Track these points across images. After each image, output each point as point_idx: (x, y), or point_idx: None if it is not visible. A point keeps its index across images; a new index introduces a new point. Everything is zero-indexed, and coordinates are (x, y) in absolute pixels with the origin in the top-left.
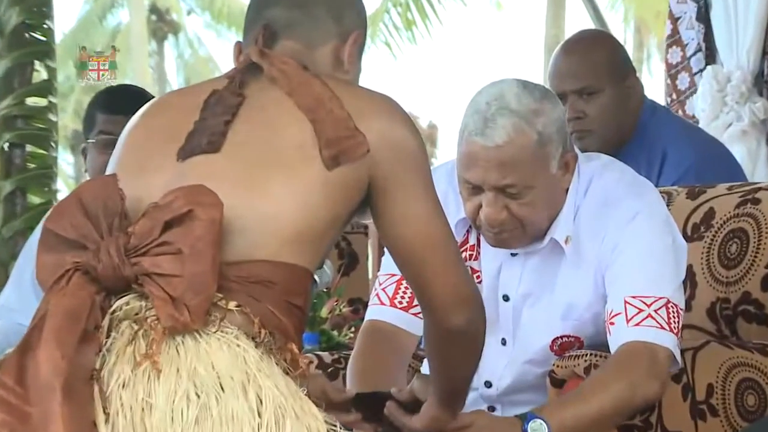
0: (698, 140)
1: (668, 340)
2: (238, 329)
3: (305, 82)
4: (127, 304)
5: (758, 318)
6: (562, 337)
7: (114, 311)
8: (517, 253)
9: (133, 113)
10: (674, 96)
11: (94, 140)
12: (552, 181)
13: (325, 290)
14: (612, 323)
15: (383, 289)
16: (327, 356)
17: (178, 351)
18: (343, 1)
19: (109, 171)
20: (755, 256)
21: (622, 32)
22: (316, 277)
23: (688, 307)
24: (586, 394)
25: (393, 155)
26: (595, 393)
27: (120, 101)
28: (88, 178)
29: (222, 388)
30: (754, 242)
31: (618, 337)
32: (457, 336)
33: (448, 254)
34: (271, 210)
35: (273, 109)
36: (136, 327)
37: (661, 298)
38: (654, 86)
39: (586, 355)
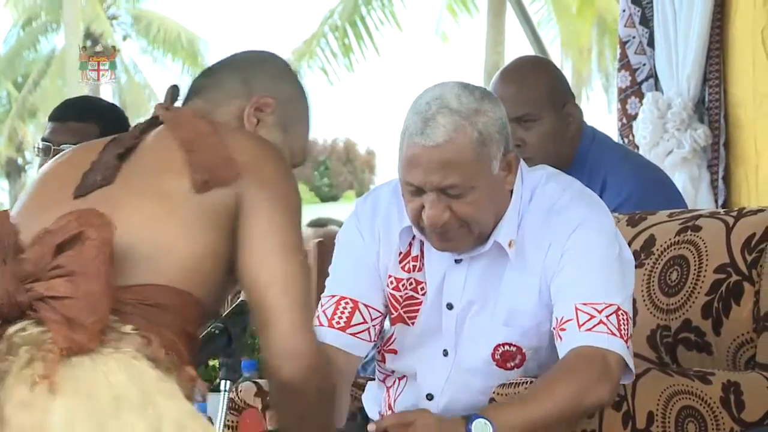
0: (638, 167)
1: (619, 347)
2: (135, 350)
3: (191, 122)
4: (24, 330)
5: (699, 346)
6: (504, 344)
7: (11, 337)
8: (461, 260)
9: (70, 120)
10: (624, 120)
11: (36, 146)
12: (494, 181)
13: None
14: (563, 329)
15: (323, 311)
16: (265, 383)
17: (75, 371)
18: (256, 67)
19: (14, 209)
20: (695, 284)
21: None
22: None
23: None
24: (534, 395)
25: (260, 186)
26: (543, 394)
27: (59, 109)
28: None
29: (120, 408)
30: (695, 269)
31: (569, 341)
32: (288, 392)
33: (295, 300)
34: (160, 237)
35: (161, 145)
36: (33, 351)
37: (611, 304)
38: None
39: (527, 383)
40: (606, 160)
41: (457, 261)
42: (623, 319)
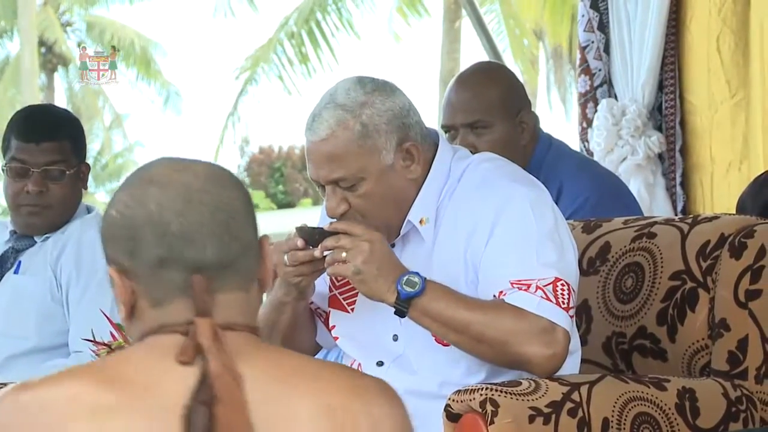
0: (594, 174)
1: (563, 320)
2: None
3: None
4: None
5: (654, 352)
6: None
7: None
8: (394, 244)
9: (44, 141)
10: (584, 125)
11: (5, 167)
12: (388, 172)
13: None
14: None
15: None
16: None
17: None
18: None
19: None
20: (650, 291)
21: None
22: None
23: (584, 341)
24: (476, 303)
25: None
26: (484, 308)
27: (32, 130)
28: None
29: None
30: (650, 276)
31: (519, 304)
32: None
33: None
34: None
35: None
36: None
37: (544, 278)
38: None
39: (483, 389)
40: (562, 168)
41: (391, 246)
42: (562, 289)
